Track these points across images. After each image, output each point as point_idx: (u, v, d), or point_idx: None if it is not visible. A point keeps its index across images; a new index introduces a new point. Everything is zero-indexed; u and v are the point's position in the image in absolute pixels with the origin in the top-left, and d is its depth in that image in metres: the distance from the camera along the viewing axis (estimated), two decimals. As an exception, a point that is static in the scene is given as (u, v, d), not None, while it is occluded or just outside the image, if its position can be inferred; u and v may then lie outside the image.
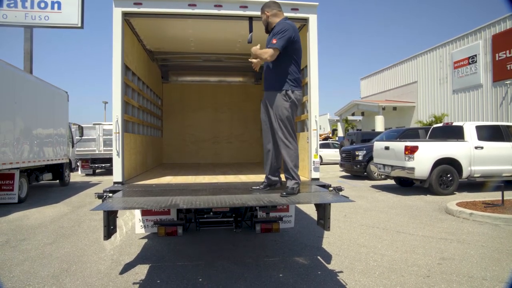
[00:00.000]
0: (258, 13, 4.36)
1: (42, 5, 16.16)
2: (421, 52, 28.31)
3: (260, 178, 4.27)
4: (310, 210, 7.08)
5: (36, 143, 10.28)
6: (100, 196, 3.62)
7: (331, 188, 3.97)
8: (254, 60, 3.80)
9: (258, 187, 4.02)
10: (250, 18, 4.52)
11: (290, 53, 3.77)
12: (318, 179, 4.48)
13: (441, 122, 20.53)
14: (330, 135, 41.41)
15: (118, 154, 4.26)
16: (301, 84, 3.98)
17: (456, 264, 4.41)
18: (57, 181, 13.03)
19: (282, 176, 4.06)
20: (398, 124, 29.32)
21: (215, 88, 8.94)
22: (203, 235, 5.54)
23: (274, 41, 3.64)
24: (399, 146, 10.15)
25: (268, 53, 3.66)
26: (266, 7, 3.90)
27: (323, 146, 22.85)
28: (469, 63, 23.17)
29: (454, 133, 10.59)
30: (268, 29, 3.92)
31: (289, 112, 3.77)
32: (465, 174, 9.92)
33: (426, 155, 9.72)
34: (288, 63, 3.78)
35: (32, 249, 5.20)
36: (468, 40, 23.48)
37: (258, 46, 3.76)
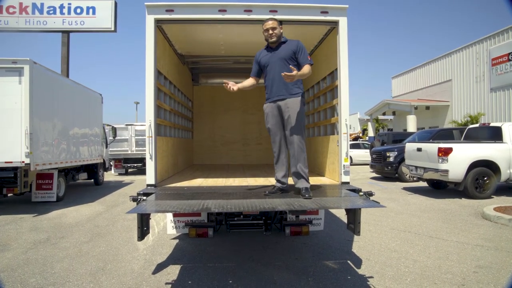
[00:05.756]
0: (288, 17, 4.41)
1: (78, 10, 16.96)
2: (456, 49, 27.28)
3: (289, 180, 4.27)
4: (340, 212, 7.01)
5: (73, 144, 10.73)
6: (134, 199, 3.75)
7: (361, 193, 3.93)
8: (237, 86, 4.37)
9: (272, 192, 4.08)
10: (280, 22, 4.53)
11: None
12: (348, 182, 4.46)
13: (477, 122, 19.75)
14: (360, 135, 40.69)
15: (151, 158, 4.39)
16: None
17: (493, 273, 4.25)
18: (92, 180, 13.54)
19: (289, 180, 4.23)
20: (431, 124, 28.45)
21: (244, 90, 8.98)
22: (233, 236, 5.61)
23: (309, 58, 3.99)
24: (432, 147, 9.85)
25: (309, 70, 3.92)
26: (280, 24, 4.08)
27: (353, 146, 22.51)
28: (508, 60, 22.08)
29: (491, 134, 10.17)
30: (278, 41, 4.05)
31: (304, 116, 4.00)
32: (503, 177, 9.50)
33: (461, 157, 9.39)
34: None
35: (71, 247, 5.44)
36: (509, 36, 22.39)
37: (295, 72, 3.68)
